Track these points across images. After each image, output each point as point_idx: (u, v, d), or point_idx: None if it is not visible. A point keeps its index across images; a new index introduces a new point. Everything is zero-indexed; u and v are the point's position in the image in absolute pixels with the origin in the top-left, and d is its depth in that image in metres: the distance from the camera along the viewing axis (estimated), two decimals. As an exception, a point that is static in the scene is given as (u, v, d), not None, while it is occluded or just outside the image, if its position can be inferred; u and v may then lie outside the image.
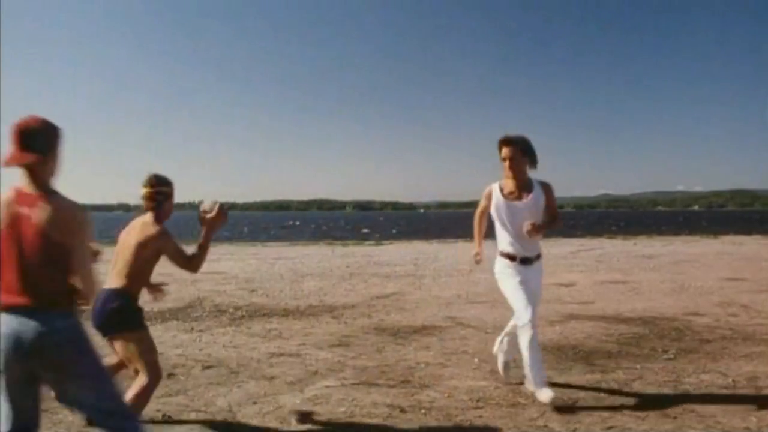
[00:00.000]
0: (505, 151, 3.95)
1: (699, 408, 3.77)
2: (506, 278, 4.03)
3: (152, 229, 3.20)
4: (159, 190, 3.29)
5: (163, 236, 3.18)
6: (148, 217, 3.29)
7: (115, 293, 3.13)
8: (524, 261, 4.01)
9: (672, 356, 5.08)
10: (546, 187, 4.04)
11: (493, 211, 4.07)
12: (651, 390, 4.16)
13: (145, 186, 3.30)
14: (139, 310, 3.18)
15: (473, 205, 4.46)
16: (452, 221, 79.33)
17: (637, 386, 4.25)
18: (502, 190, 4.05)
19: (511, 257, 4.02)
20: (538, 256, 4.09)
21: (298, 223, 76.03)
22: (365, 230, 44.99)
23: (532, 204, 3.96)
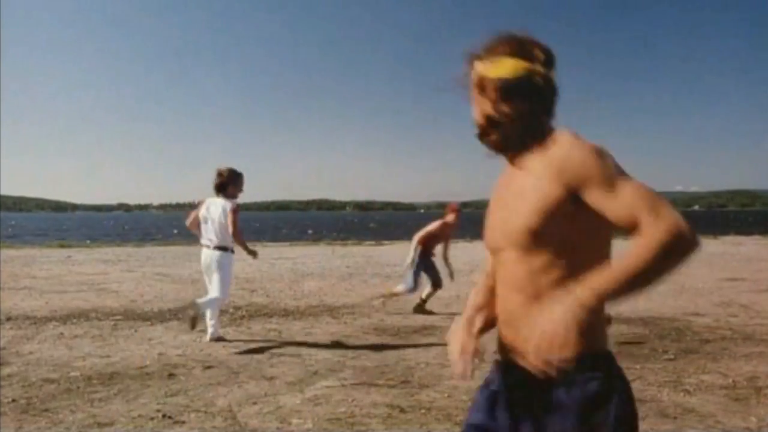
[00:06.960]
0: None
1: (699, 408, 3.77)
2: None
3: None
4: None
5: None
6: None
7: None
8: None
9: (672, 356, 5.08)
10: None
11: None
12: (651, 390, 4.16)
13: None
14: None
15: (473, 205, 4.48)
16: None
17: (637, 386, 4.24)
18: None
19: None
20: None
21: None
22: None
23: None
